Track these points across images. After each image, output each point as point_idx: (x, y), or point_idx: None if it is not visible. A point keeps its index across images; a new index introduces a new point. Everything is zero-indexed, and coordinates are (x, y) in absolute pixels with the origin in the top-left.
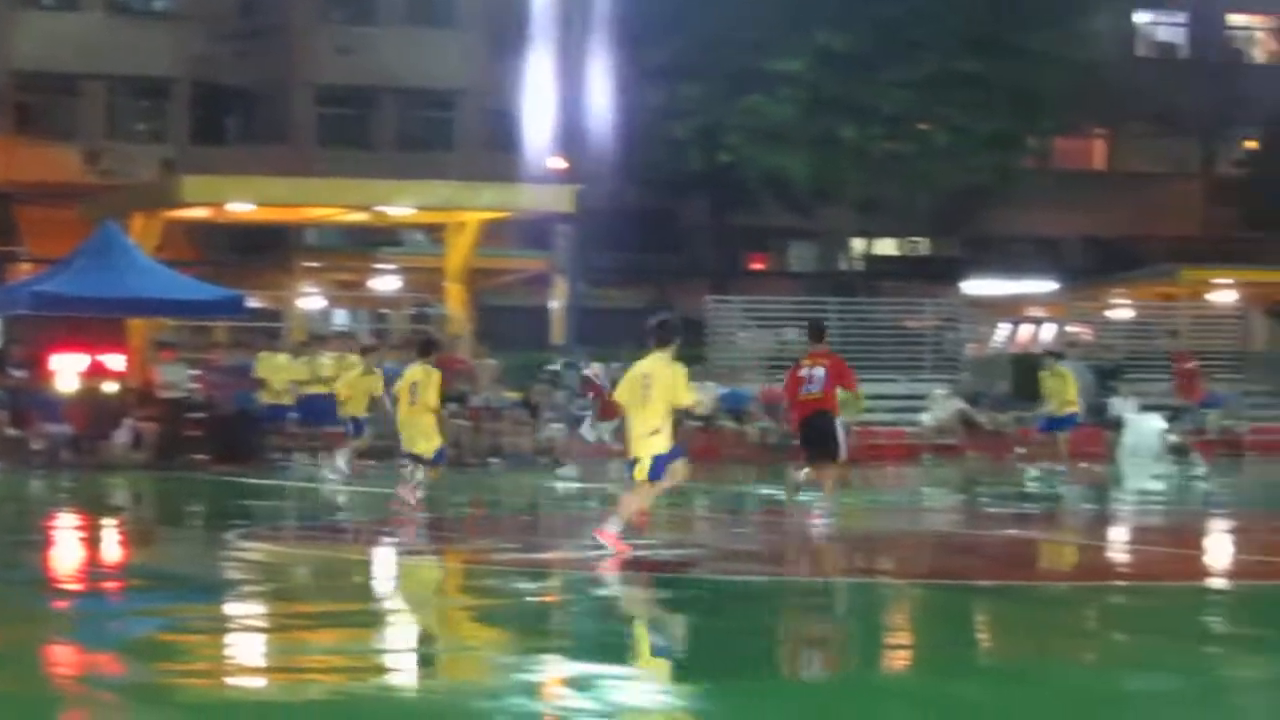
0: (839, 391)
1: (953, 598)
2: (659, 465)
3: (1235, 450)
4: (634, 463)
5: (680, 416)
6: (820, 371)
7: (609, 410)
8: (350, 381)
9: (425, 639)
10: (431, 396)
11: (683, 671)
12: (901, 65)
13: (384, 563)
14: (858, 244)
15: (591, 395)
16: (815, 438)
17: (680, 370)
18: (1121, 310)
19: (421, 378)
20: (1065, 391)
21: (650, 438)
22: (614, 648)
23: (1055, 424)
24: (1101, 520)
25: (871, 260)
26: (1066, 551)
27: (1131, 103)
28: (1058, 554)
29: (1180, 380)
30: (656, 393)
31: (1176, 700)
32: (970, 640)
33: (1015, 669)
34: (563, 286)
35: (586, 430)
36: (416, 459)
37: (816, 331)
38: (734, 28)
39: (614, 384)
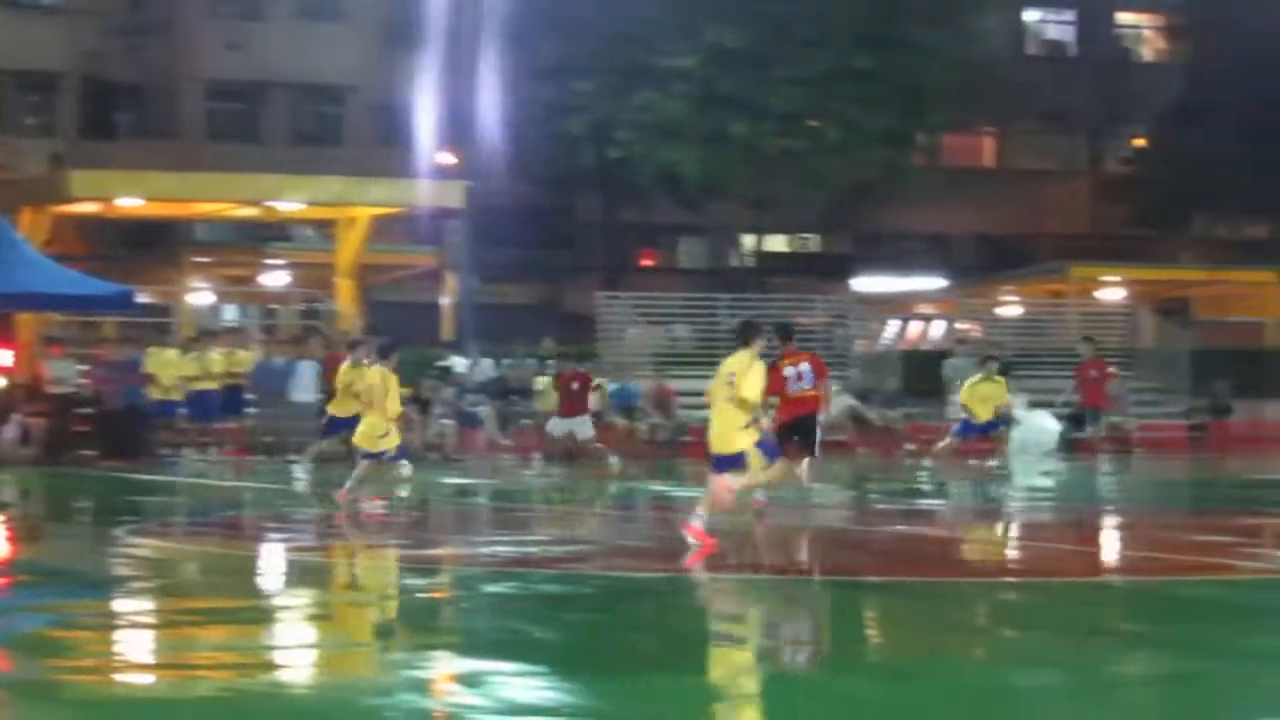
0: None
1: (843, 594)
2: (769, 449)
3: (1124, 447)
4: (730, 458)
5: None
6: (806, 368)
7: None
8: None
9: (315, 635)
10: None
11: (572, 667)
12: (793, 62)
13: (274, 559)
14: (748, 240)
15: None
16: (802, 433)
17: (760, 368)
18: (1011, 307)
19: (377, 381)
20: (1000, 398)
21: (745, 430)
22: (504, 644)
23: (976, 429)
24: (991, 517)
25: (762, 257)
26: (957, 548)
27: (1021, 100)
28: (948, 550)
29: (1084, 384)
30: (744, 389)
31: (1064, 695)
32: (861, 636)
33: (906, 665)
34: (453, 282)
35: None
36: (375, 457)
37: (786, 332)
38: (626, 24)
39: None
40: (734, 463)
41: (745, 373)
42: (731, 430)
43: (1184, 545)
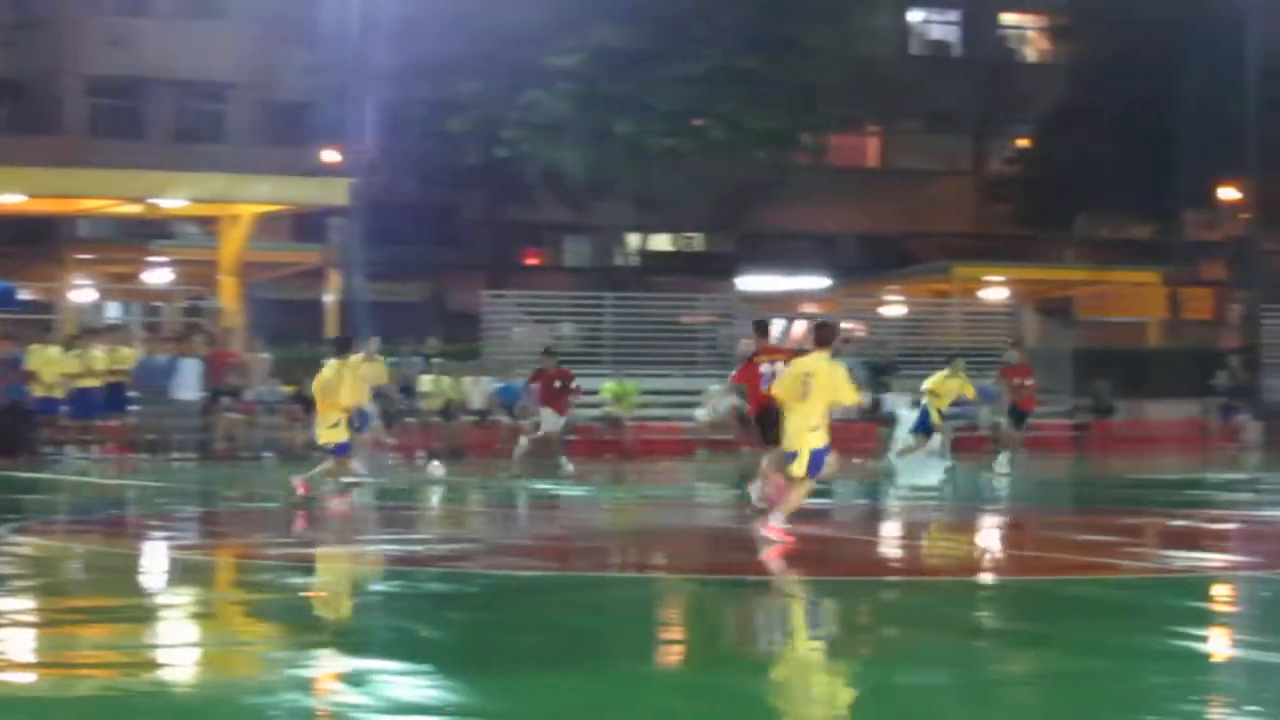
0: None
1: (727, 592)
2: (818, 459)
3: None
4: (793, 455)
5: (457, 410)
6: (782, 366)
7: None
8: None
9: (198, 634)
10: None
11: (457, 665)
12: (678, 62)
13: (157, 558)
14: (633, 239)
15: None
16: (770, 428)
17: (841, 369)
18: (895, 307)
19: (330, 375)
20: (965, 391)
21: (811, 433)
22: (389, 642)
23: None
24: (874, 515)
25: (647, 255)
26: (841, 546)
27: (906, 100)
28: (832, 549)
29: (1012, 388)
30: (816, 390)
31: (949, 694)
32: (744, 634)
33: (789, 662)
34: (337, 280)
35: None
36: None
37: (764, 328)
38: (512, 23)
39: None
40: (789, 460)
41: (823, 373)
42: (802, 430)
43: (1067, 544)
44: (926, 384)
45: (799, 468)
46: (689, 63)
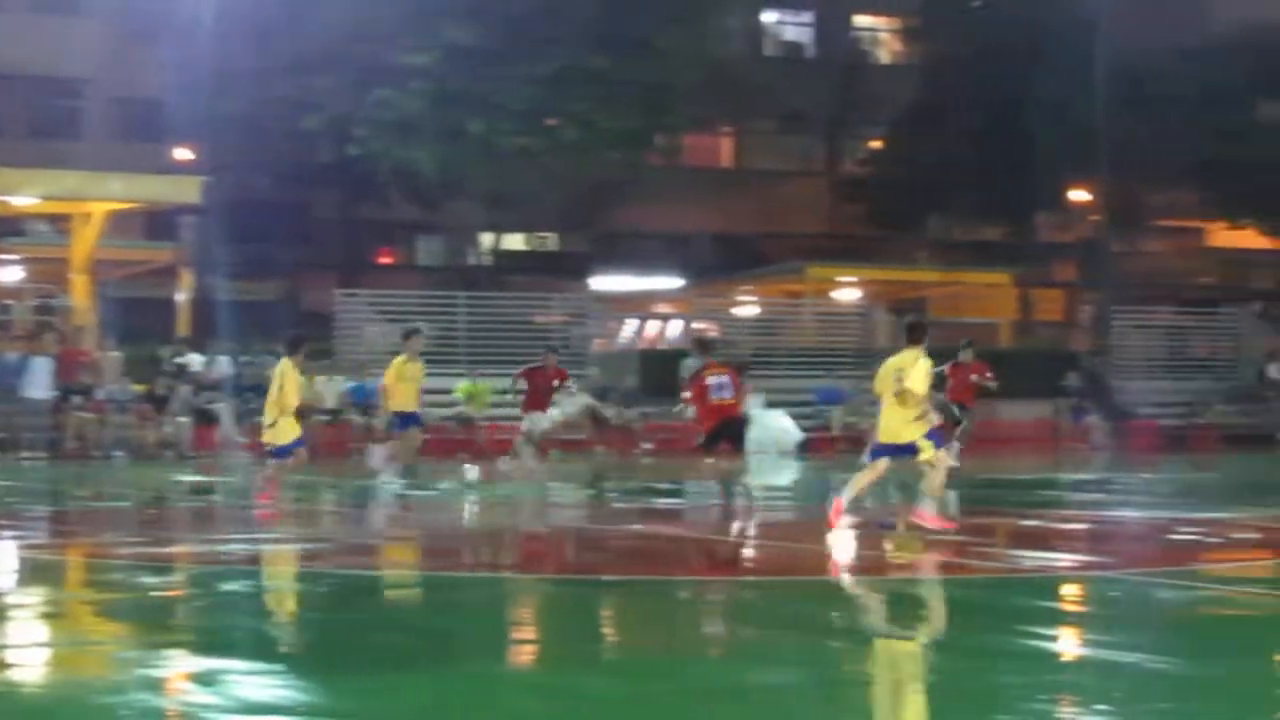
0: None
1: (580, 592)
2: (935, 438)
3: (858, 446)
4: (912, 448)
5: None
6: (726, 379)
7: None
8: (399, 371)
9: (47, 634)
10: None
11: (308, 665)
12: (529, 61)
13: (6, 556)
14: (487, 239)
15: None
16: (734, 435)
17: (925, 364)
18: (748, 307)
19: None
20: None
21: (917, 423)
22: (239, 642)
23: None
24: (727, 516)
25: (500, 255)
26: (692, 546)
27: (759, 101)
28: (683, 549)
29: (960, 385)
30: (911, 384)
31: (799, 694)
32: (597, 635)
33: (642, 663)
34: (190, 278)
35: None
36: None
37: (707, 346)
38: (364, 21)
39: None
40: (906, 451)
41: (911, 368)
42: (900, 425)
43: (918, 544)
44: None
45: (928, 452)
46: (540, 62)
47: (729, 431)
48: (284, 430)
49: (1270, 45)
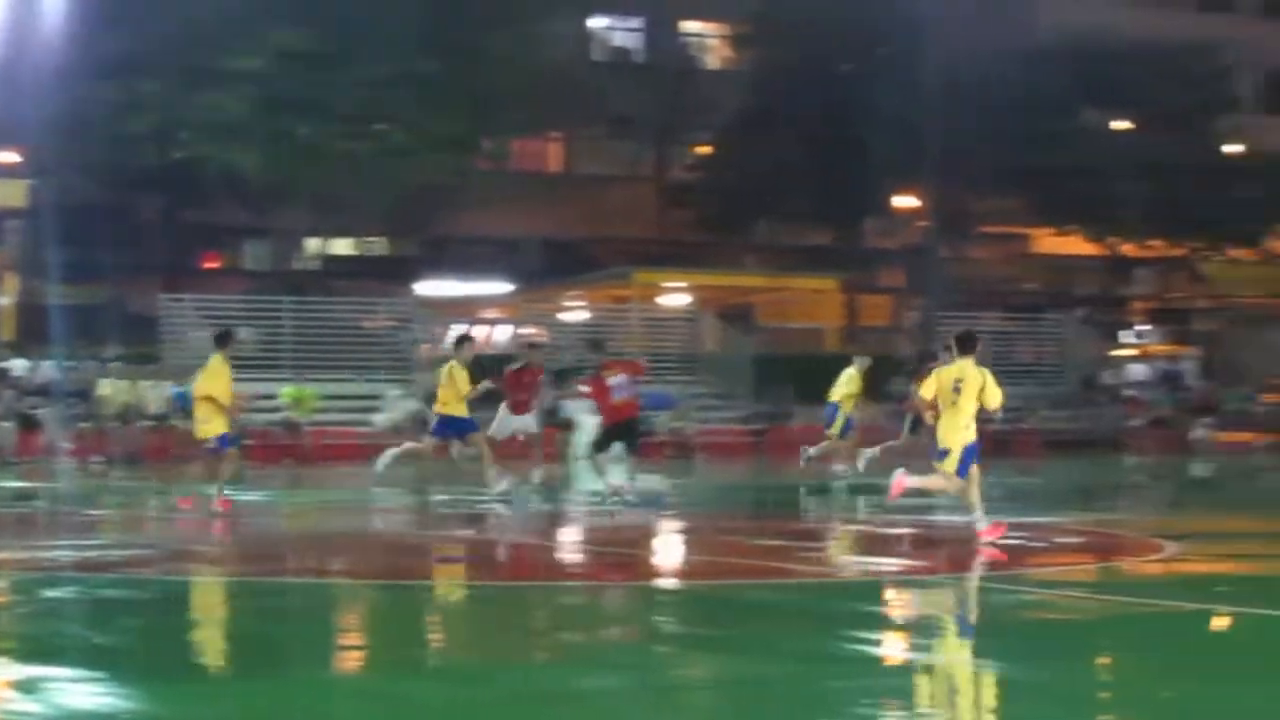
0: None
1: (402, 597)
2: (968, 455)
3: (685, 452)
4: (945, 453)
5: (134, 415)
6: (624, 378)
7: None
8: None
9: None
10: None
11: (131, 672)
12: (356, 65)
13: None
14: (314, 243)
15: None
16: (626, 435)
17: (988, 375)
18: (576, 312)
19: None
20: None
21: (964, 431)
22: (62, 649)
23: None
24: (552, 520)
25: (327, 260)
26: (520, 550)
27: (588, 106)
28: (512, 553)
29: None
30: (966, 394)
31: (628, 698)
32: (421, 640)
33: (468, 668)
34: (14, 282)
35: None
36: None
37: (601, 347)
38: (191, 24)
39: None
40: (941, 456)
41: (972, 378)
42: (950, 431)
43: (740, 549)
44: (844, 385)
45: (950, 464)
46: (367, 66)
47: (624, 431)
48: (216, 424)
49: (1092, 52)
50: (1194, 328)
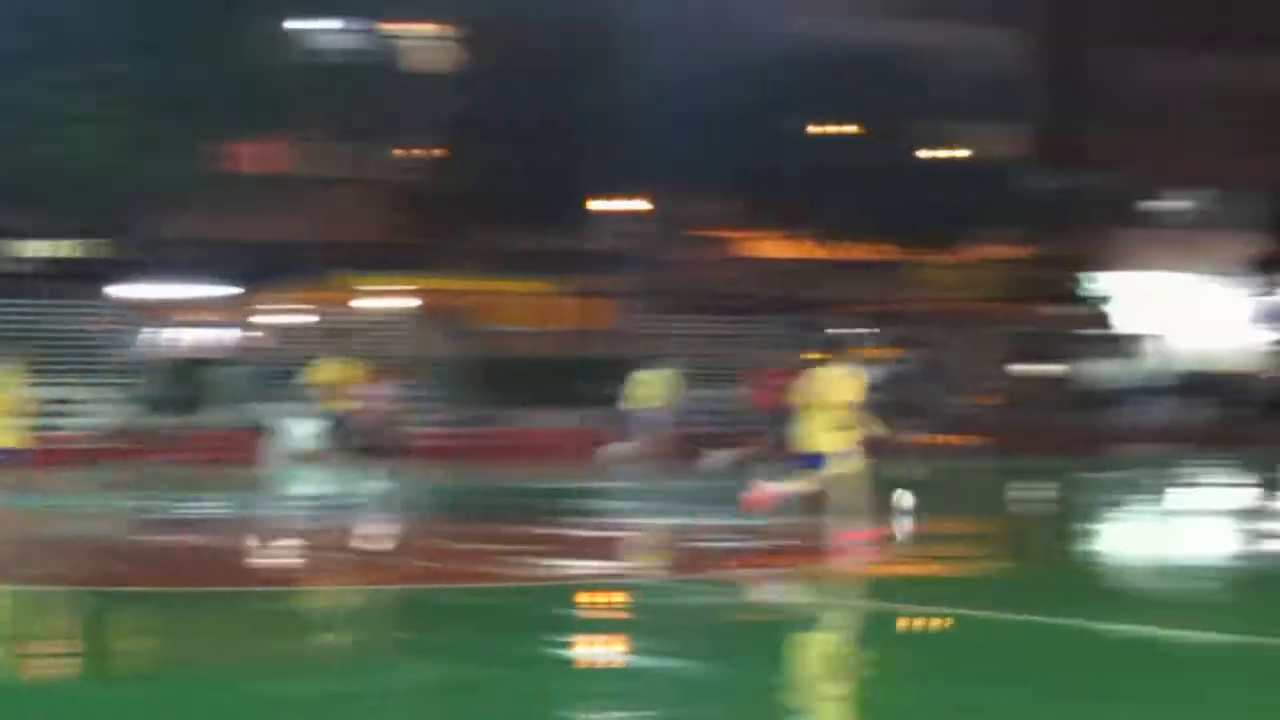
0: None
1: (118, 603)
2: (815, 460)
3: (402, 455)
4: (818, 458)
5: None
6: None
7: None
8: None
9: None
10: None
11: None
12: (57, 64)
13: None
14: (15, 246)
15: None
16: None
17: (852, 377)
18: (292, 315)
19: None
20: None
21: (834, 433)
22: None
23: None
24: (254, 525)
25: (29, 262)
26: (232, 556)
27: (306, 108)
28: (223, 558)
29: (756, 391)
30: (834, 396)
31: (340, 703)
32: (133, 647)
33: (175, 674)
34: None
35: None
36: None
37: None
38: None
39: None
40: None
41: (837, 381)
42: (821, 432)
43: (454, 553)
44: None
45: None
46: (68, 65)
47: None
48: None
49: (811, 59)
50: (910, 332)
